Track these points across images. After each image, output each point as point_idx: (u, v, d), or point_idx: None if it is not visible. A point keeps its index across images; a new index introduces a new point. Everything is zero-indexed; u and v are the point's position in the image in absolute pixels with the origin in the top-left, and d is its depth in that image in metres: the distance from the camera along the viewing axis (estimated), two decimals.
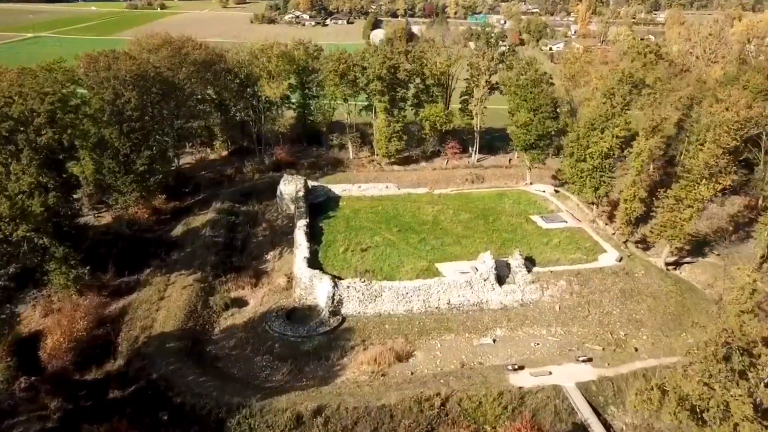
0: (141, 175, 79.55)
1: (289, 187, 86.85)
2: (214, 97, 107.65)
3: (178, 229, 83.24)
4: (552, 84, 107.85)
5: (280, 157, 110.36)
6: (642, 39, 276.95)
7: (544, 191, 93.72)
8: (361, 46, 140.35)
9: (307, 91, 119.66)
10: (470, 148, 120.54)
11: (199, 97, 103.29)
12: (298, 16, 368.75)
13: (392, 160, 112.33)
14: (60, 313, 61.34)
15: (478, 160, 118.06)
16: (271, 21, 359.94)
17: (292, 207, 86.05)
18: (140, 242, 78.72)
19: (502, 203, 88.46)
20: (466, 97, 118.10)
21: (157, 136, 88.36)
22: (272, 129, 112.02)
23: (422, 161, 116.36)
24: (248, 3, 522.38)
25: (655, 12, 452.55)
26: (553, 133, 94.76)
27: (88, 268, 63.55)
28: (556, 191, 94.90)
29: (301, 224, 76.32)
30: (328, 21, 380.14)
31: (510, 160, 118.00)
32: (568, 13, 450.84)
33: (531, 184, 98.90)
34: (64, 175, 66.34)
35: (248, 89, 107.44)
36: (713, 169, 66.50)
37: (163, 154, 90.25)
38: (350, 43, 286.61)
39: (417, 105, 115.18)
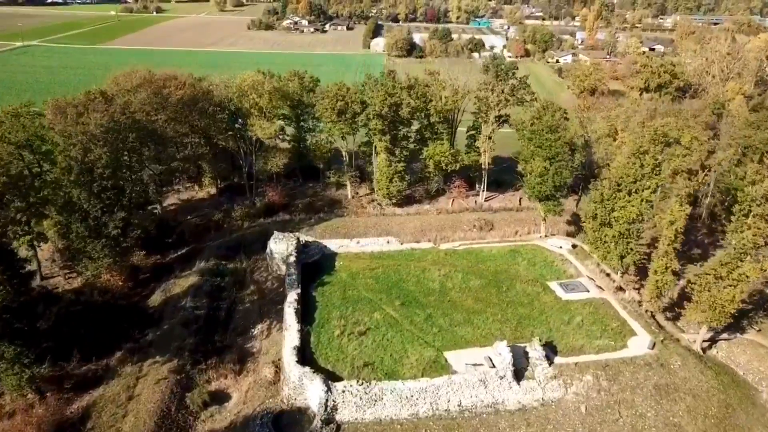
0: (114, 239, 71.18)
1: (280, 246, 78.53)
2: (200, 134, 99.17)
3: (157, 297, 74.94)
4: (566, 118, 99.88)
5: (273, 199, 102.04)
6: (651, 50, 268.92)
7: (561, 247, 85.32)
8: (359, 56, 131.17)
9: (302, 123, 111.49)
10: (477, 186, 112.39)
11: (184, 133, 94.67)
12: (296, 22, 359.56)
13: (393, 201, 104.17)
14: (11, 420, 53.12)
15: (486, 199, 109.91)
16: (269, 27, 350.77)
17: (283, 267, 77.82)
18: (113, 313, 70.46)
19: (516, 264, 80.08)
20: (473, 132, 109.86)
21: (134, 188, 79.94)
22: (264, 168, 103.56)
23: (426, 201, 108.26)
24: (246, 5, 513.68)
25: (662, 16, 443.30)
26: (570, 182, 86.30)
27: (44, 366, 55.34)
28: (574, 246, 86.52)
29: (292, 298, 68.00)
30: (327, 27, 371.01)
31: (520, 200, 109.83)
32: (573, 18, 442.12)
33: (546, 236, 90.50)
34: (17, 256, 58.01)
35: (237, 124, 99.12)
36: (761, 247, 58.27)
37: (142, 206, 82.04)
38: (350, 52, 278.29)
39: (420, 141, 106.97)
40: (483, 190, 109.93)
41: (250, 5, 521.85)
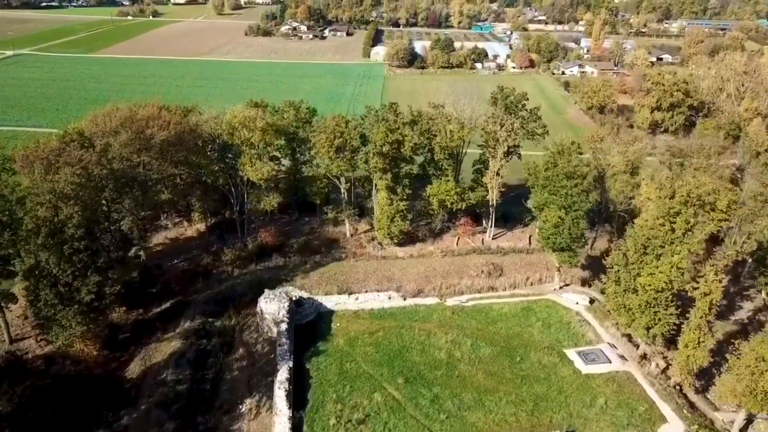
0: (88, 305, 64.45)
1: (271, 306, 71.82)
2: (187, 171, 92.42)
3: (135, 367, 68.23)
4: (580, 152, 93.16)
5: (265, 240, 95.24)
6: (659, 59, 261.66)
7: (577, 303, 78.51)
8: (359, 65, 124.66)
9: (298, 155, 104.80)
10: (484, 221, 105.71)
11: (170, 174, 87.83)
12: (295, 28, 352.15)
13: (395, 241, 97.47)
14: None
15: (494, 237, 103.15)
16: (267, 33, 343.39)
17: (274, 329, 71.11)
18: (86, 388, 63.80)
19: (529, 325, 73.34)
20: (479, 166, 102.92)
21: (113, 243, 73.28)
22: (256, 208, 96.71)
23: (429, 239, 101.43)
24: (245, 8, 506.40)
25: (666, 21, 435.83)
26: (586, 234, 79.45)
27: None
28: (591, 302, 79.75)
29: (283, 376, 61.28)
30: (326, 32, 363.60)
31: (530, 238, 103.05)
32: (577, 22, 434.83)
33: (561, 288, 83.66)
34: None
35: (227, 158, 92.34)
36: None
37: (122, 259, 75.35)
38: (349, 62, 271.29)
39: (423, 176, 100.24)
40: (491, 226, 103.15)
41: (248, 8, 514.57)
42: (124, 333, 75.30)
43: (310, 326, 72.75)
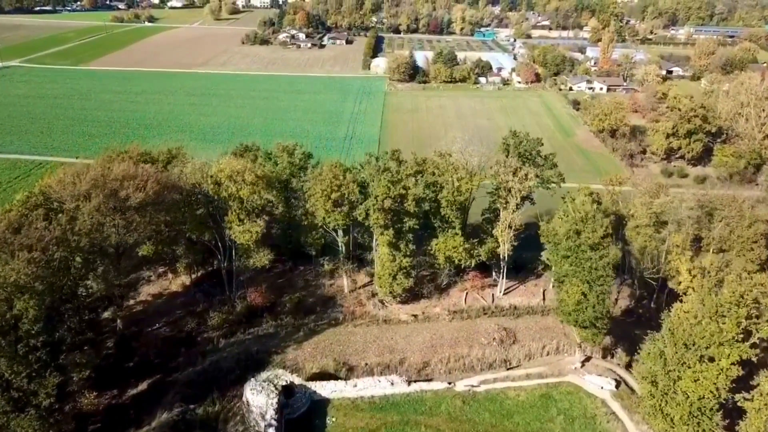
0: (47, 409, 56.10)
1: (259, 399, 63.66)
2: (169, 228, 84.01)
3: None
4: (599, 202, 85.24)
5: (255, 302, 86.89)
6: (669, 72, 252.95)
7: (602, 387, 70.10)
8: (359, 79, 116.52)
9: (293, 200, 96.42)
10: (494, 272, 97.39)
11: (148, 236, 79.33)
12: (293, 36, 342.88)
13: (398, 300, 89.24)
14: None
15: (505, 292, 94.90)
16: (264, 42, 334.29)
17: (262, 425, 62.79)
18: None
19: (550, 419, 65.13)
20: (489, 215, 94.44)
21: (80, 323, 64.94)
22: (245, 264, 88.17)
23: (434, 295, 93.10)
24: (243, 12, 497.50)
25: (673, 27, 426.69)
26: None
27: None
28: (618, 384, 71.35)
29: None
30: (325, 40, 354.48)
31: (544, 293, 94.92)
32: (581, 28, 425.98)
33: (583, 365, 75.19)
34: None
35: (213, 215, 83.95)
36: None
37: (92, 342, 67.09)
38: (349, 75, 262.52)
39: (426, 228, 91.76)
40: (502, 278, 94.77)
41: (246, 12, 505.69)
42: (95, 423, 67.15)
43: (302, 421, 64.39)
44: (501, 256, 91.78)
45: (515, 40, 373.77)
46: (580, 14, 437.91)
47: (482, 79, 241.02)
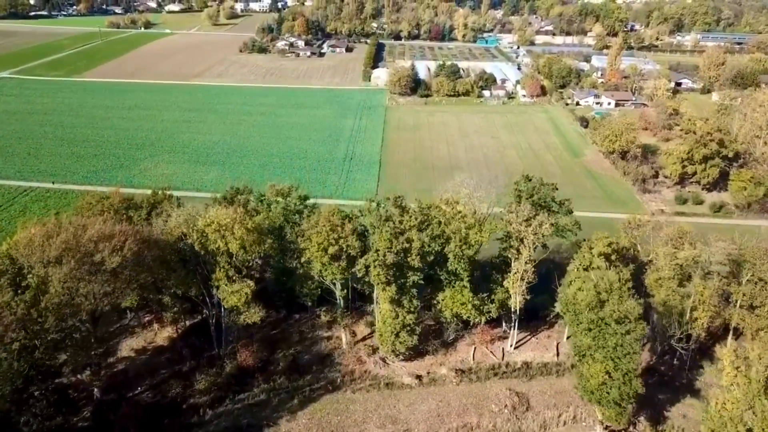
0: None
1: None
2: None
3: None
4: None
5: (246, 363, 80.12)
6: (678, 84, 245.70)
7: None
8: (358, 92, 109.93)
9: (288, 247, 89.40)
10: (504, 322, 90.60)
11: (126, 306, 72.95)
12: (292, 44, 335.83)
13: (401, 358, 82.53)
14: None
15: (516, 345, 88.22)
16: (262, 50, 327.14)
17: None
18: None
19: None
20: (498, 260, 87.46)
21: (48, 406, 58.27)
22: (235, 320, 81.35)
23: (440, 351, 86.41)
24: (241, 16, 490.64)
25: (679, 33, 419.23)
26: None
27: None
28: None
29: None
30: (324, 47, 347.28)
31: (557, 346, 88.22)
32: (585, 33, 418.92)
33: None
34: None
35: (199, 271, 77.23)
36: None
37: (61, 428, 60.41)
38: (348, 87, 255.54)
39: (431, 277, 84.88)
40: (513, 328, 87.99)
41: (245, 16, 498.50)
42: None
43: None
44: (512, 310, 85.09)
45: (519, 47, 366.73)
46: (584, 19, 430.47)
47: (486, 93, 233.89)
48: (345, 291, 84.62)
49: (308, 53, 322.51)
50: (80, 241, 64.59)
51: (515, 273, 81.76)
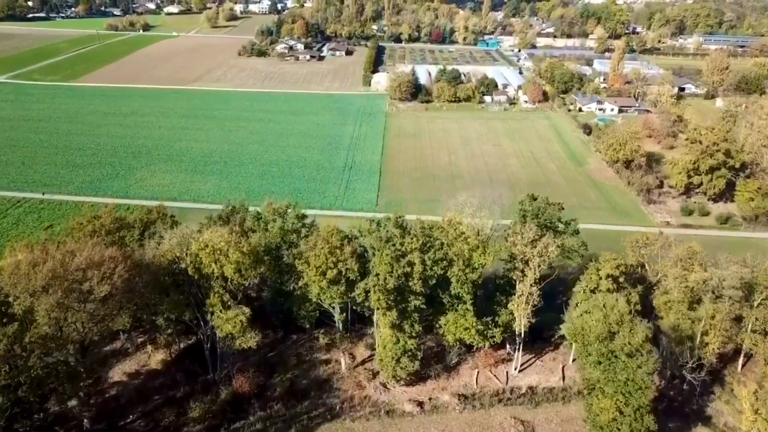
0: None
1: None
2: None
3: None
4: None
5: (241, 389, 77.46)
6: (681, 89, 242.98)
7: None
8: (359, 97, 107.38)
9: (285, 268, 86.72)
10: (507, 344, 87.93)
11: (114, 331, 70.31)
12: (291, 47, 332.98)
13: (401, 383, 79.87)
14: None
15: (521, 369, 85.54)
16: (261, 53, 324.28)
17: None
18: None
19: None
20: (502, 281, 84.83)
21: None
22: (230, 345, 78.70)
23: (442, 375, 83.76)
24: (240, 18, 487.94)
25: (681, 36, 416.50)
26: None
27: None
28: None
29: None
30: (324, 50, 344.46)
31: (563, 369, 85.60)
32: (587, 36, 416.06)
33: None
34: None
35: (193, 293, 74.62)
36: None
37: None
38: (348, 92, 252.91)
39: (433, 299, 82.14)
40: (518, 352, 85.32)
41: (244, 18, 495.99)
42: None
43: None
44: (516, 333, 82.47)
45: (520, 50, 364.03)
46: (586, 22, 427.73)
47: (487, 98, 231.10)
48: (344, 314, 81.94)
49: (308, 57, 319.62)
50: (68, 270, 61.93)
51: (520, 296, 79.27)
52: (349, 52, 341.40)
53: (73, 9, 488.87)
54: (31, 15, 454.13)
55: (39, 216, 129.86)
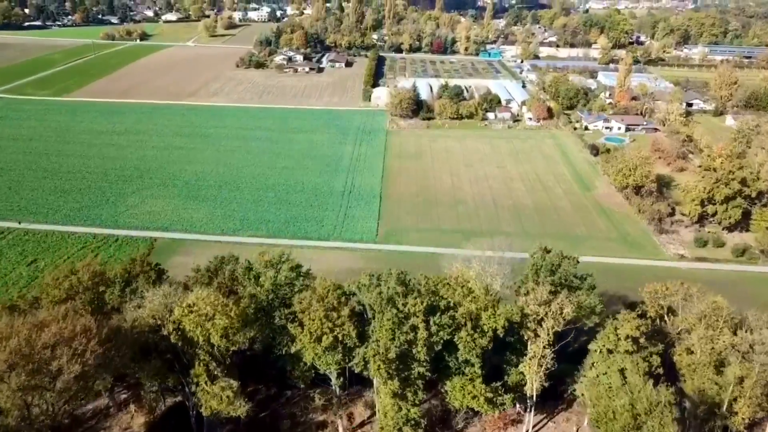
0: None
1: None
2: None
3: None
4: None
5: None
6: (689, 105, 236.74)
7: None
8: (358, 113, 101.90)
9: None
10: (516, 404, 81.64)
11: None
12: (290, 58, 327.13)
13: None
14: None
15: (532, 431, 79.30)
16: (260, 65, 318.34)
17: None
18: None
19: None
20: (513, 339, 78.50)
21: None
22: (218, 417, 72.53)
23: None
24: (239, 26, 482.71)
25: (686, 46, 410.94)
26: None
27: None
28: None
29: None
30: (323, 62, 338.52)
31: (577, 430, 79.34)
32: (590, 45, 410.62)
33: None
34: None
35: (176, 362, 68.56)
36: None
37: None
38: (348, 108, 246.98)
39: (438, 360, 75.87)
40: (529, 414, 79.13)
41: (243, 26, 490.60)
42: None
43: None
44: (528, 395, 76.30)
45: (522, 61, 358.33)
46: (589, 31, 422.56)
47: (490, 115, 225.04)
48: (341, 379, 75.65)
49: (307, 69, 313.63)
50: (34, 348, 55.75)
51: (532, 357, 73.13)
52: (348, 64, 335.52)
53: (69, 17, 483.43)
54: (27, 24, 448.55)
55: (23, 249, 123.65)
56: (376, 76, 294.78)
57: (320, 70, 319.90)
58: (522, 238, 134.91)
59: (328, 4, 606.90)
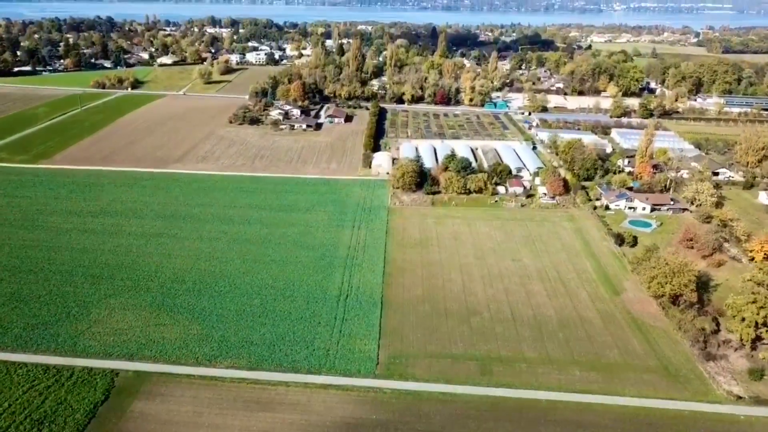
0: None
1: None
2: None
3: None
4: None
5: None
6: (715, 174, 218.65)
7: None
8: (358, 183, 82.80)
9: None
10: None
11: None
12: (287, 113, 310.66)
13: None
14: None
15: None
16: (254, 121, 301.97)
17: None
18: None
19: None
20: None
21: None
22: None
23: None
24: (236, 71, 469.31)
25: (699, 95, 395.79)
26: None
27: None
28: None
29: None
30: (321, 116, 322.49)
31: None
32: (599, 93, 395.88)
33: None
34: None
35: None
36: None
37: None
38: (347, 177, 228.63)
39: None
40: None
41: (241, 70, 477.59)
42: None
43: None
44: None
45: (530, 114, 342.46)
46: (597, 78, 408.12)
47: (501, 189, 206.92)
48: None
49: (304, 126, 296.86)
50: None
51: None
52: (348, 118, 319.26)
53: (61, 61, 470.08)
54: (17, 69, 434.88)
55: None
56: (376, 136, 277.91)
57: (318, 126, 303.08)
58: (547, 368, 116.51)
59: (328, 42, 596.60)
